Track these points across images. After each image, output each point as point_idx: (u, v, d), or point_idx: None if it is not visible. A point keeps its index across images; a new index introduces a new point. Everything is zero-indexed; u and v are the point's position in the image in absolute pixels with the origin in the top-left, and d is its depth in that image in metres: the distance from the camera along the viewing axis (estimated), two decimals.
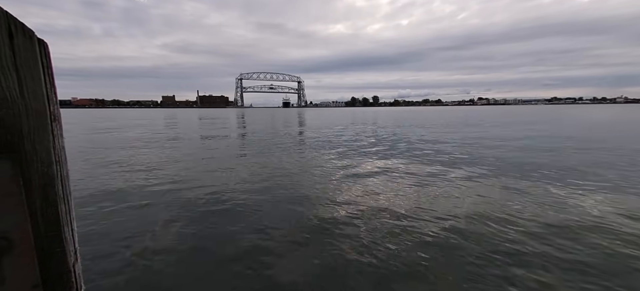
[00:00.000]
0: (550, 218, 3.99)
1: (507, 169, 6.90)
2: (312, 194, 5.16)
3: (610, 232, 3.54)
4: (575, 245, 3.23)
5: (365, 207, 4.51)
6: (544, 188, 5.37)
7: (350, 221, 4.00)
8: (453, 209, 4.36)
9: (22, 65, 0.56)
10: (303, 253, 3.20)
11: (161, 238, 3.55)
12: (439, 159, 8.40)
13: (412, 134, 15.66)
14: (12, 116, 0.56)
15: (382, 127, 21.29)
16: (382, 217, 4.11)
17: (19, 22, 0.55)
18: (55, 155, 0.63)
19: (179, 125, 24.99)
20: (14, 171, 0.56)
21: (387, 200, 4.82)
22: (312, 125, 24.93)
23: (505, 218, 3.96)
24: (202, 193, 5.29)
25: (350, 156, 9.27)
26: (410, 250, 3.20)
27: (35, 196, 0.60)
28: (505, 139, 12.92)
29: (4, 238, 0.55)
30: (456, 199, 4.82)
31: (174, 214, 4.27)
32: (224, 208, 4.55)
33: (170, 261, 3.03)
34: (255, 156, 9.34)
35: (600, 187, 5.36)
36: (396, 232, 3.63)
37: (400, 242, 3.38)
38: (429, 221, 3.92)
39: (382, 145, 11.72)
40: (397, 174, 6.61)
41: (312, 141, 13.50)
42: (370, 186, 5.66)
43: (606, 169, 6.82)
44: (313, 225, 3.88)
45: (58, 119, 0.65)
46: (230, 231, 3.73)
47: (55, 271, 0.63)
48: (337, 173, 6.87)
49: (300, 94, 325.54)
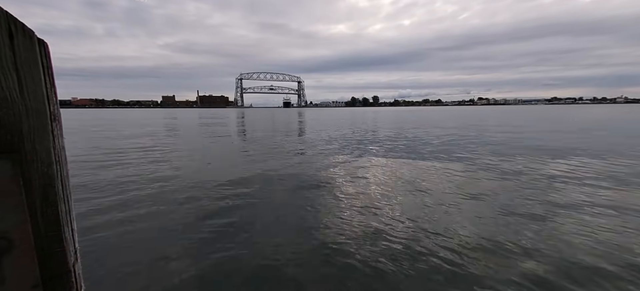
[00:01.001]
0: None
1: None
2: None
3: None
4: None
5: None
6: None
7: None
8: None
9: (22, 65, 0.56)
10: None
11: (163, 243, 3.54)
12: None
13: (425, 139, 15.50)
14: (12, 116, 0.56)
15: (381, 131, 21.23)
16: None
17: (19, 22, 0.55)
18: (55, 155, 0.63)
19: (180, 129, 24.89)
20: (14, 171, 0.56)
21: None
22: (297, 130, 24.82)
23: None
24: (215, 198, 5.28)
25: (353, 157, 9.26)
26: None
27: (35, 196, 0.60)
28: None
29: (4, 238, 0.55)
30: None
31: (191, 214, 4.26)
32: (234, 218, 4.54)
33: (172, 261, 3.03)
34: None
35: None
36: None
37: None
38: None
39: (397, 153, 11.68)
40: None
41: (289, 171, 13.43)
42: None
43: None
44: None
45: (58, 119, 0.65)
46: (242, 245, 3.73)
47: (55, 271, 0.63)
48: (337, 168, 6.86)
49: (300, 94, 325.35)
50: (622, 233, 3.53)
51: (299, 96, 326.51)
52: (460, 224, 3.81)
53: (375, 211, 4.35)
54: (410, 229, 3.69)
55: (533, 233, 3.53)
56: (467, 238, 3.42)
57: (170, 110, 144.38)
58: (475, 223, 3.84)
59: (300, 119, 38.26)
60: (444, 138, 13.72)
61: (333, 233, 3.63)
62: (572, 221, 3.89)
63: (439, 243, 3.35)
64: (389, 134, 15.83)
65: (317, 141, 13.40)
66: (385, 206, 4.53)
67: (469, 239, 3.39)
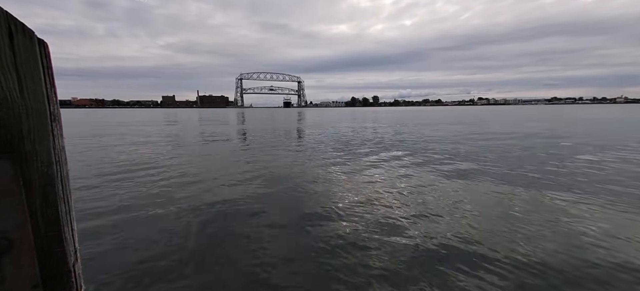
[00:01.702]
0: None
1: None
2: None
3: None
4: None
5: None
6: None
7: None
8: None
9: (22, 65, 0.56)
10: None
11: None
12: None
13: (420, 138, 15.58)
14: (12, 116, 0.56)
15: (381, 130, 21.27)
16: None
17: (19, 22, 0.55)
18: (55, 155, 0.63)
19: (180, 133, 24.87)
20: (14, 171, 0.56)
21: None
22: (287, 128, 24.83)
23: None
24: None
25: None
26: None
27: (35, 196, 0.60)
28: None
29: (4, 238, 0.55)
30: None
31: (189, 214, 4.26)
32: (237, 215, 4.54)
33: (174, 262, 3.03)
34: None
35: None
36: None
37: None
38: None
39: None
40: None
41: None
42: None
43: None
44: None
45: (58, 119, 0.65)
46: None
47: (55, 271, 0.63)
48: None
49: (300, 94, 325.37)
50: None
51: (299, 96, 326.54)
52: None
53: (379, 209, 4.36)
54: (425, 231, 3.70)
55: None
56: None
57: (170, 110, 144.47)
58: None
59: (299, 118, 38.24)
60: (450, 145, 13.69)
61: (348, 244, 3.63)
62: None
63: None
64: (384, 132, 15.85)
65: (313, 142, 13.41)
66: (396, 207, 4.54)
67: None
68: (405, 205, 4.55)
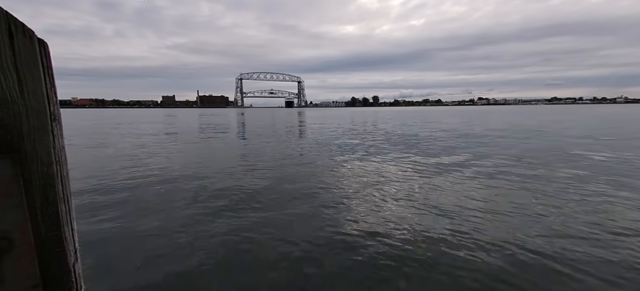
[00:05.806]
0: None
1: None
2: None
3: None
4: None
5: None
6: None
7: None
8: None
9: (22, 65, 0.56)
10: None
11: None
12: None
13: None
14: (12, 116, 0.56)
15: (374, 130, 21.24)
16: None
17: (19, 22, 0.55)
18: (55, 155, 0.63)
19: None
20: (14, 171, 0.56)
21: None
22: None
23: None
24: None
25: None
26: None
27: (35, 196, 0.60)
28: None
29: (4, 238, 0.55)
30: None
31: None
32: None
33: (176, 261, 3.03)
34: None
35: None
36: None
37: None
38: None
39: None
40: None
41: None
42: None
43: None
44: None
45: (58, 119, 0.65)
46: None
47: (55, 271, 0.63)
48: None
49: (300, 94, 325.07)
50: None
51: (299, 96, 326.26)
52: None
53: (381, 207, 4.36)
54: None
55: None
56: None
57: (171, 110, 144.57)
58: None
59: (301, 118, 38.18)
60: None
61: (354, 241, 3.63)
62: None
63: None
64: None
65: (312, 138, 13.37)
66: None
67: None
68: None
